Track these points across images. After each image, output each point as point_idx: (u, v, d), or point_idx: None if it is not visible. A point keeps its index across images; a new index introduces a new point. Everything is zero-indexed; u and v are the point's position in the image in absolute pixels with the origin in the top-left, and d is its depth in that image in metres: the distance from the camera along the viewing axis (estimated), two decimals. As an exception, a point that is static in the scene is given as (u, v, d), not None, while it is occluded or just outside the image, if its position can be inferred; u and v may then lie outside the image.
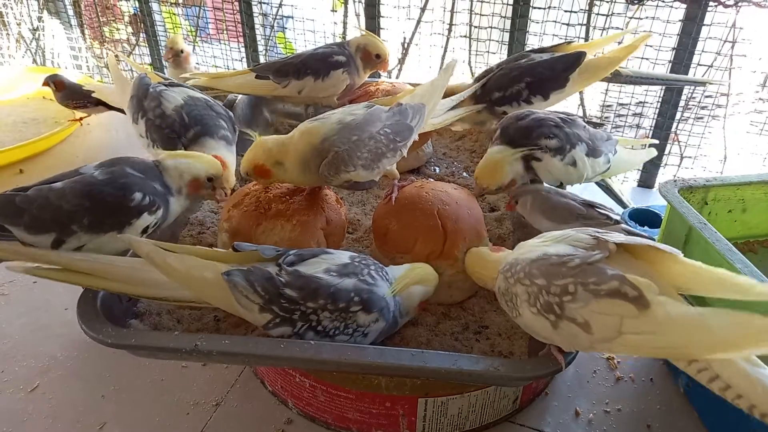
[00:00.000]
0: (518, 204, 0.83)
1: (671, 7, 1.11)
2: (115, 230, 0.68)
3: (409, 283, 0.69)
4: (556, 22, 1.23)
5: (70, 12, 1.80)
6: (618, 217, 0.78)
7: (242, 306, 0.62)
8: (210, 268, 0.63)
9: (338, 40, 1.48)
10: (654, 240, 0.62)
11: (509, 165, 0.82)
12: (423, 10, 1.39)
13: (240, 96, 1.16)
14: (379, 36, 1.37)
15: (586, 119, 0.90)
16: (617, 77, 1.04)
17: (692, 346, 0.50)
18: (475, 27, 1.32)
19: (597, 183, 1.06)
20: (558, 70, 0.99)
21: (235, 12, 1.52)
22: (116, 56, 1.47)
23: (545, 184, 0.84)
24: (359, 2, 1.40)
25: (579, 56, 0.99)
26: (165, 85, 0.92)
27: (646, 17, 1.15)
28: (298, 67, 1.07)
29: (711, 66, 1.16)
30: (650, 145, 0.97)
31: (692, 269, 0.54)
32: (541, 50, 1.04)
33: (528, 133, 0.83)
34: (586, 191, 1.15)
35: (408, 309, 0.70)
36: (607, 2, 1.19)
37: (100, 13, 1.76)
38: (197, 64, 1.66)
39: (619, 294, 0.52)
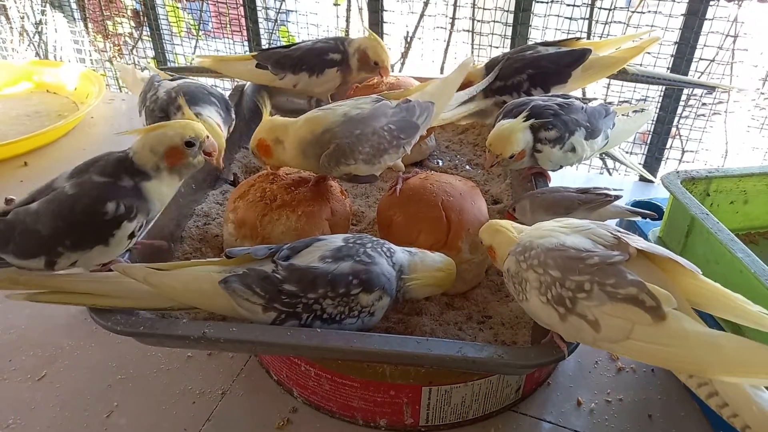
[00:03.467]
0: (516, 211, 0.83)
1: (674, 1, 1.11)
2: (100, 244, 0.65)
3: (431, 284, 0.69)
4: (558, 16, 1.24)
5: (74, 6, 1.80)
6: (615, 193, 0.79)
7: (245, 309, 0.63)
8: (207, 279, 0.63)
9: (341, 34, 1.48)
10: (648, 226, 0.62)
11: (521, 132, 0.84)
12: (426, 3, 1.39)
13: (248, 84, 1.17)
14: (382, 30, 1.37)
15: (583, 99, 0.91)
16: (623, 75, 1.05)
17: (700, 365, 0.50)
18: (478, 21, 1.33)
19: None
20: (561, 64, 0.99)
21: (237, 6, 1.52)
22: (120, 51, 1.47)
23: (537, 189, 0.86)
24: (362, -4, 1.41)
25: (584, 53, 1.00)
26: (170, 80, 0.94)
27: (649, 11, 1.15)
28: (295, 62, 1.09)
29: (713, 60, 1.16)
30: (642, 111, 0.98)
31: (708, 288, 0.54)
32: (549, 43, 1.05)
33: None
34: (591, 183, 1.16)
35: (412, 297, 0.70)
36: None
37: (103, 7, 1.76)
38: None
39: (636, 301, 0.52)
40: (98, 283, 0.66)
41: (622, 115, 0.95)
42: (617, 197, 0.79)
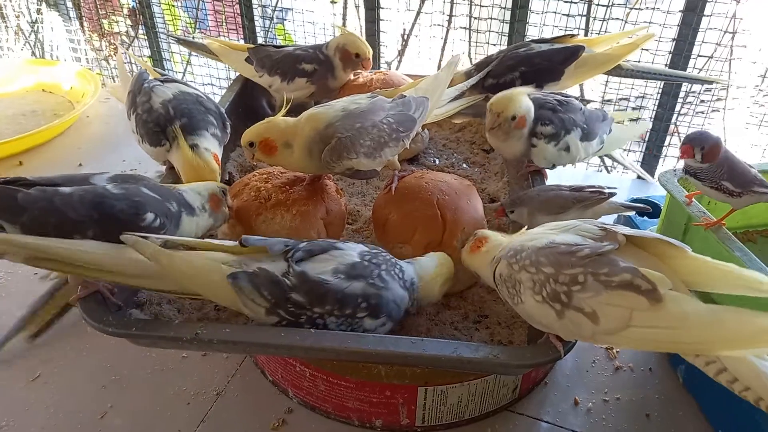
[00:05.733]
0: (515, 213, 0.82)
1: (671, -3, 1.11)
2: None
3: (440, 283, 0.70)
4: (556, 12, 1.23)
5: (69, 4, 1.79)
6: (610, 190, 0.79)
7: (248, 309, 0.62)
8: (216, 270, 0.62)
9: (337, 32, 1.47)
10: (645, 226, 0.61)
11: (523, 96, 0.83)
12: (423, 1, 1.39)
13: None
14: (379, 28, 1.37)
15: (582, 99, 0.91)
16: (618, 70, 1.04)
17: (702, 342, 0.50)
18: (475, 18, 1.32)
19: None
20: (554, 61, 0.99)
21: (234, 4, 1.52)
22: (115, 49, 1.46)
23: (532, 189, 0.85)
24: (358, -6, 1.40)
25: (577, 50, 0.99)
26: (161, 81, 0.92)
27: (647, 7, 1.15)
28: (273, 64, 1.10)
29: (711, 57, 1.15)
30: (638, 120, 0.99)
31: (700, 264, 0.54)
32: (543, 40, 1.04)
33: None
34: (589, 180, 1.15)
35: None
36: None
37: (99, 6, 1.75)
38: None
39: (632, 286, 0.52)
40: (100, 255, 0.62)
41: (617, 122, 0.95)
42: (611, 194, 0.78)
